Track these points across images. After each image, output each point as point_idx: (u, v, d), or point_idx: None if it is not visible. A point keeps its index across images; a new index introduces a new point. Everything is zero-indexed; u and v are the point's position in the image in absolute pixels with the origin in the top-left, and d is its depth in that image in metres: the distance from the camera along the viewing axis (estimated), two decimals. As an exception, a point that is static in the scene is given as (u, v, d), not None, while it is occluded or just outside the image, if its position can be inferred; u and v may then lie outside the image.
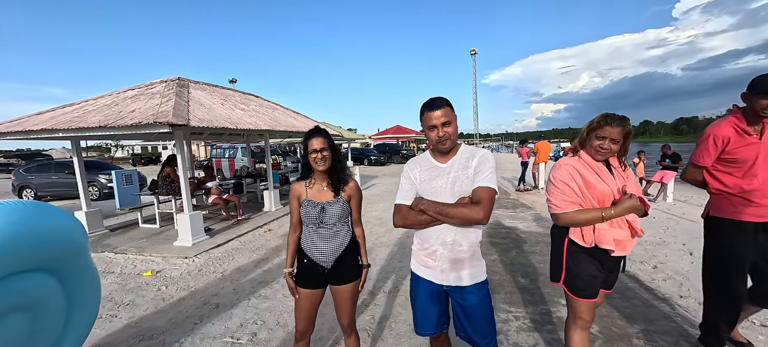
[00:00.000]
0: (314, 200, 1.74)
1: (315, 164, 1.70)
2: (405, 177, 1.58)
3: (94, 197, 10.82)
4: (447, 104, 1.44)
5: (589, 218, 1.63)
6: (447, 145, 1.45)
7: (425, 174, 1.53)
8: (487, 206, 1.36)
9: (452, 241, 1.45)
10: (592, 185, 1.66)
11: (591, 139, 1.71)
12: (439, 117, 1.41)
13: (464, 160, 1.48)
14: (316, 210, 1.71)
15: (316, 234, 1.74)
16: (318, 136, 1.71)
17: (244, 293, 3.44)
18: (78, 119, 4.52)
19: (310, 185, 1.78)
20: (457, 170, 1.47)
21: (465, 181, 1.44)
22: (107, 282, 3.85)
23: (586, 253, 1.70)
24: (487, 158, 1.46)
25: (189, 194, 5.06)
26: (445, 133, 1.43)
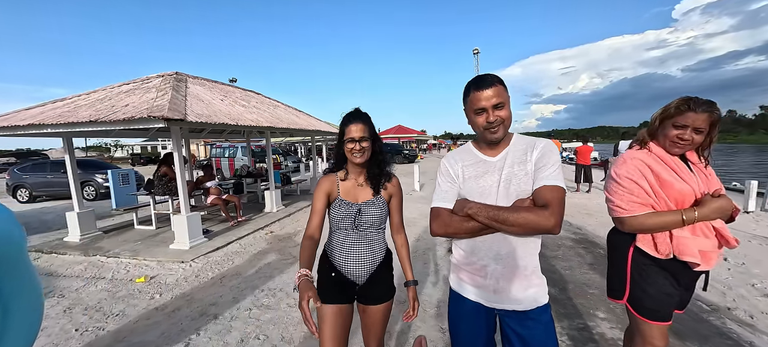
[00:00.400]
0: (349, 199, 1.45)
1: (351, 155, 1.40)
2: (444, 174, 1.29)
3: (91, 197, 10.54)
4: (499, 81, 1.14)
5: (665, 223, 1.34)
6: (499, 133, 1.15)
7: (470, 170, 1.23)
8: (558, 210, 1.07)
9: (508, 254, 1.16)
10: (667, 184, 1.37)
11: (666, 128, 1.40)
12: (490, 97, 1.11)
13: (520, 152, 1.19)
14: (353, 212, 1.42)
15: (348, 241, 1.44)
16: (357, 121, 1.39)
17: (244, 302, 3.15)
18: (68, 114, 4.24)
19: (344, 178, 1.47)
20: (511, 166, 1.17)
21: (523, 179, 1.15)
22: (96, 289, 3.56)
23: (658, 266, 1.41)
24: (551, 150, 1.17)
25: (186, 194, 4.78)
26: (497, 117, 1.12)
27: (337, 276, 1.45)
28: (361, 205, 1.45)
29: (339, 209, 1.44)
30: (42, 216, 8.10)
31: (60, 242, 5.28)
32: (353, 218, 1.43)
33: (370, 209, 1.45)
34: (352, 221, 1.43)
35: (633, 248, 1.45)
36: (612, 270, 1.58)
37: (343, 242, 1.45)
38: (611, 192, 1.46)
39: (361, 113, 1.44)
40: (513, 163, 1.17)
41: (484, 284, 1.20)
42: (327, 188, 1.46)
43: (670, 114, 1.39)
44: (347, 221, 1.43)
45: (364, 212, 1.44)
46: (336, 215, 1.44)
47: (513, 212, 1.09)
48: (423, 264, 3.92)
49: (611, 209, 1.47)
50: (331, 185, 1.47)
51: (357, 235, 1.45)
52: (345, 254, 1.44)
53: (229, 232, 5.57)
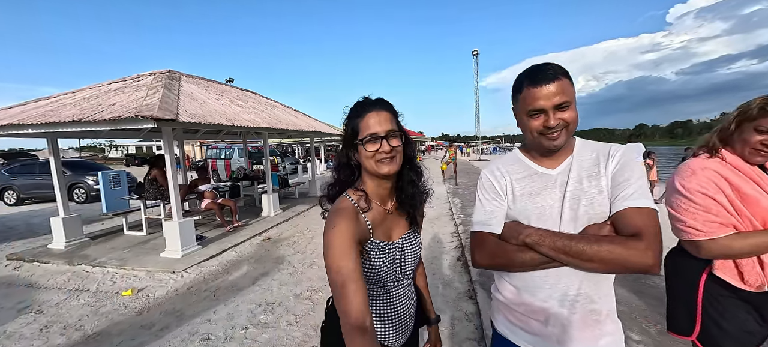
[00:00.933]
0: (382, 238, 0.94)
1: (376, 164, 0.88)
2: (487, 190, 1.02)
3: (81, 200, 10.20)
4: (564, 73, 0.87)
5: (757, 245, 1.10)
6: (560, 140, 0.88)
7: (523, 185, 0.98)
8: (656, 241, 0.79)
9: (577, 294, 0.89)
10: (751, 199, 1.13)
11: (745, 132, 1.17)
12: (552, 96, 0.84)
13: (590, 162, 0.93)
14: (393, 257, 0.94)
15: (387, 299, 0.98)
16: (378, 109, 0.89)
17: (240, 319, 2.89)
18: (50, 114, 3.96)
19: (368, 207, 0.92)
20: (578, 180, 0.91)
21: (596, 197, 0.88)
22: (78, 303, 3.28)
23: (738, 298, 1.17)
24: (634, 160, 0.90)
25: (179, 198, 4.50)
26: (560, 121, 0.86)
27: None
28: (400, 242, 0.97)
29: (380, 256, 0.92)
30: (29, 220, 7.78)
31: (44, 250, 4.98)
32: (395, 267, 0.95)
33: (411, 246, 0.99)
34: (397, 270, 0.96)
35: (706, 275, 1.21)
36: (675, 301, 1.34)
37: (382, 303, 0.98)
38: (679, 210, 1.21)
39: (381, 99, 0.94)
40: (580, 177, 0.91)
41: (545, 332, 0.93)
42: (355, 231, 0.84)
43: (752, 116, 1.16)
44: (389, 274, 0.94)
45: (406, 253, 0.97)
46: (378, 265, 0.92)
47: (592, 243, 0.82)
48: (431, 276, 3.68)
49: (681, 231, 1.22)
50: (357, 224, 0.86)
51: (400, 285, 0.99)
52: (390, 315, 0.98)
53: (225, 238, 5.28)
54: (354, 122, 0.91)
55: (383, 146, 0.87)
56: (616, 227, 0.85)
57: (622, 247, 0.80)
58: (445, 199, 8.56)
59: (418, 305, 1.14)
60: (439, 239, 5.08)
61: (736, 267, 1.15)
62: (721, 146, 1.25)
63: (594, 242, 0.82)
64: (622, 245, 0.80)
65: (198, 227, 5.91)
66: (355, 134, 0.90)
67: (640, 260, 0.78)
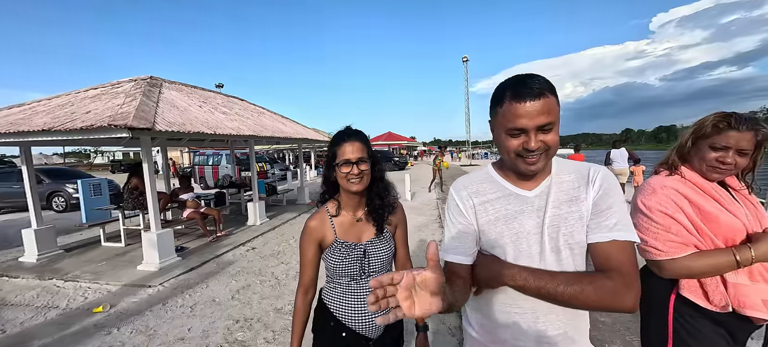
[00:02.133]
0: (349, 239, 1.18)
1: (347, 182, 1.13)
2: (453, 212, 0.93)
3: (61, 209, 9.87)
4: (550, 90, 0.77)
5: (715, 265, 1.08)
6: (538, 165, 0.80)
7: (494, 208, 0.88)
8: (637, 280, 0.74)
9: (560, 335, 0.83)
10: (711, 217, 1.11)
11: (702, 149, 1.17)
12: (535, 115, 0.75)
13: (569, 185, 0.85)
14: (357, 256, 1.17)
15: (355, 289, 1.18)
16: (352, 140, 1.13)
17: (216, 336, 2.77)
18: (21, 122, 3.80)
19: (337, 214, 1.20)
20: (557, 205, 0.83)
21: (576, 224, 0.81)
22: (46, 321, 3.12)
23: (707, 318, 1.15)
24: (615, 185, 0.83)
25: (157, 208, 4.36)
26: (541, 144, 0.78)
27: (348, 335, 1.18)
28: (365, 245, 1.19)
29: (339, 254, 1.16)
30: (4, 230, 7.49)
31: (14, 263, 4.76)
32: (359, 264, 1.17)
33: (377, 248, 1.20)
34: (359, 267, 1.17)
35: (675, 295, 1.19)
36: (647, 321, 1.31)
37: (348, 294, 1.18)
38: (641, 229, 1.18)
39: (356, 131, 1.18)
40: (559, 201, 0.84)
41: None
42: (317, 232, 1.18)
43: (707, 133, 1.15)
44: (354, 269, 1.17)
45: (370, 254, 1.18)
46: (336, 261, 1.16)
47: (576, 284, 0.74)
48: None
49: (644, 251, 1.19)
50: (321, 226, 1.18)
51: (367, 282, 1.18)
52: (356, 305, 1.17)
53: (207, 249, 5.14)
54: (333, 148, 1.15)
55: (353, 170, 1.11)
56: (597, 259, 0.79)
57: (606, 291, 0.74)
58: (433, 206, 8.53)
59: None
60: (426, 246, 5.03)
61: (701, 287, 1.13)
62: (680, 163, 1.23)
63: (577, 282, 0.75)
64: (608, 289, 0.74)
65: (180, 238, 5.76)
66: (334, 158, 1.14)
67: (623, 303, 0.73)
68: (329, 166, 1.16)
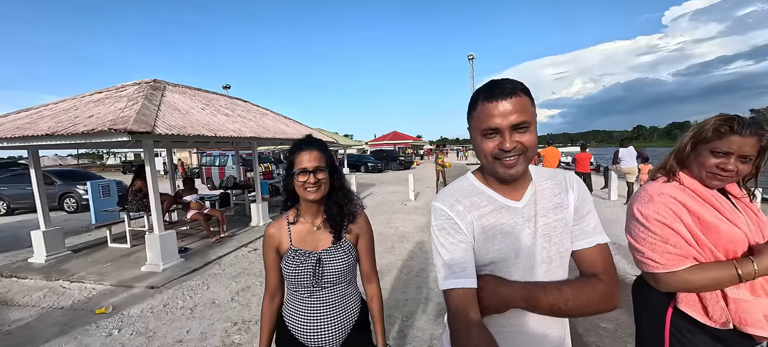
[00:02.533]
0: (304, 247, 1.16)
1: (304, 191, 1.12)
2: (450, 230, 0.82)
3: (72, 210, 10.10)
4: (523, 90, 0.76)
5: (715, 279, 1.02)
6: (517, 168, 0.77)
7: (493, 222, 0.82)
8: (618, 280, 0.79)
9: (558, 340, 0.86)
10: (712, 227, 1.05)
11: (701, 155, 1.09)
12: (507, 113, 0.73)
13: (551, 192, 0.85)
14: (310, 264, 1.14)
15: (312, 302, 1.16)
16: (309, 149, 1.13)
17: (213, 339, 2.79)
18: (26, 127, 3.88)
19: (294, 221, 1.19)
20: (544, 213, 0.82)
21: (563, 231, 0.82)
22: (50, 322, 3.18)
23: (706, 333, 1.09)
24: (586, 190, 0.88)
25: (160, 210, 4.41)
26: (517, 144, 0.75)
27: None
28: (320, 253, 1.16)
29: (293, 262, 1.15)
30: (17, 231, 7.67)
31: (24, 264, 4.88)
32: (313, 272, 1.14)
33: (332, 257, 1.16)
34: (312, 276, 1.14)
35: (672, 309, 1.13)
36: (642, 334, 1.25)
37: (305, 305, 1.16)
38: (638, 239, 1.12)
39: (315, 139, 1.17)
40: (547, 208, 0.83)
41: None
42: (275, 239, 1.18)
43: (707, 138, 1.08)
44: (306, 277, 1.14)
45: (325, 263, 1.15)
46: (290, 269, 1.15)
47: (583, 294, 0.76)
48: (416, 289, 3.58)
49: (640, 262, 1.13)
50: (279, 233, 1.18)
51: (321, 292, 1.16)
52: (309, 320, 1.15)
53: (210, 251, 5.18)
54: (291, 157, 1.14)
55: (309, 179, 1.10)
56: (583, 264, 0.82)
57: (598, 294, 0.77)
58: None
59: (364, 320, 1.26)
60: (426, 248, 4.98)
61: (700, 301, 1.07)
62: (678, 168, 1.17)
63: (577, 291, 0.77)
64: (597, 292, 0.77)
65: (184, 239, 5.83)
66: (291, 166, 1.13)
67: (611, 304, 0.78)
68: (288, 174, 1.15)
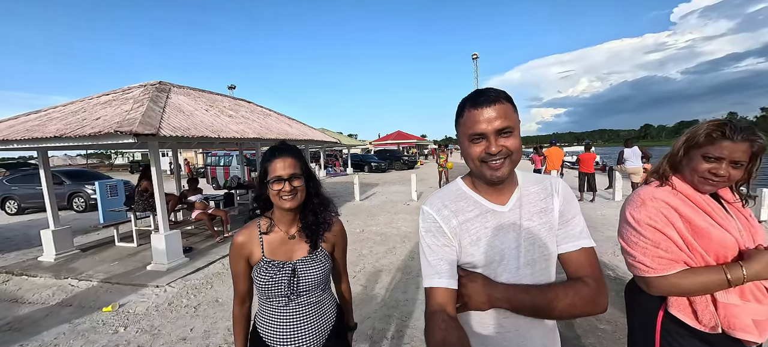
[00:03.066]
0: (277, 258, 1.12)
1: (279, 199, 1.08)
2: (434, 232, 0.86)
3: (81, 209, 10.30)
4: (506, 98, 0.81)
5: (705, 284, 1.03)
6: (502, 171, 0.80)
7: (478, 226, 0.86)
8: (604, 282, 0.82)
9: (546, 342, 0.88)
10: (702, 232, 1.06)
11: (694, 160, 1.10)
12: (492, 119, 0.77)
13: (537, 197, 0.88)
14: (285, 275, 1.09)
15: (287, 313, 1.11)
16: (284, 156, 1.09)
17: (216, 337, 2.84)
18: (36, 129, 3.98)
19: (267, 231, 1.14)
20: (529, 217, 0.85)
21: (547, 235, 0.84)
22: (59, 319, 3.26)
23: (696, 338, 1.09)
24: (572, 194, 0.91)
25: (165, 210, 4.49)
26: (502, 148, 0.79)
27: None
28: (295, 263, 1.12)
29: (265, 273, 1.09)
30: (27, 230, 7.85)
31: (34, 263, 5.00)
32: (288, 283, 1.10)
33: (308, 267, 1.13)
34: (287, 287, 1.10)
35: (663, 313, 1.14)
36: (634, 337, 1.26)
37: (280, 313, 1.12)
38: (630, 243, 1.13)
39: (289, 146, 1.14)
40: (531, 213, 0.86)
41: None
42: (245, 249, 1.12)
43: (699, 143, 1.08)
44: (281, 288, 1.10)
45: (300, 273, 1.12)
46: (262, 281, 1.09)
47: (567, 297, 0.79)
48: (416, 289, 3.61)
49: (632, 266, 1.15)
50: (249, 243, 1.13)
51: (297, 303, 1.13)
52: (285, 330, 1.11)
53: (213, 250, 5.26)
54: (264, 165, 1.11)
55: (285, 187, 1.07)
56: (569, 267, 0.84)
57: (584, 297, 0.79)
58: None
59: (340, 326, 1.26)
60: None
61: (690, 306, 1.08)
62: (671, 173, 1.18)
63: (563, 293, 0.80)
64: (586, 295, 0.79)
65: (188, 238, 5.92)
66: (265, 174, 1.09)
67: (600, 306, 0.81)
68: (261, 182, 1.11)
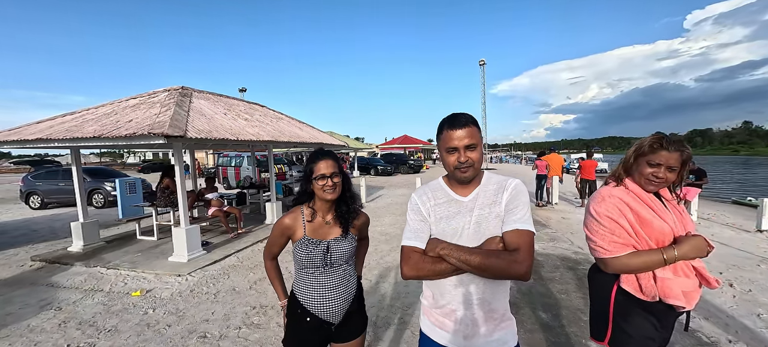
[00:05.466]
0: (316, 237, 1.43)
1: (322, 192, 1.40)
2: (414, 211, 1.25)
3: (100, 205, 10.78)
4: (473, 122, 1.15)
5: (646, 263, 1.32)
6: (468, 173, 1.15)
7: (442, 210, 1.21)
8: (529, 255, 1.07)
9: (480, 299, 1.15)
10: (647, 222, 1.35)
11: (640, 165, 1.41)
12: (463, 138, 1.12)
13: (491, 193, 1.18)
14: (321, 250, 1.41)
15: (321, 280, 1.42)
16: (327, 158, 1.41)
17: (235, 319, 3.16)
18: (74, 129, 4.37)
19: (311, 218, 1.45)
20: (482, 207, 1.16)
21: (493, 221, 1.14)
22: (93, 301, 3.62)
23: (640, 307, 1.37)
24: (521, 192, 1.17)
25: (186, 206, 4.85)
26: (467, 158, 1.12)
27: (312, 321, 1.41)
28: (329, 242, 1.43)
29: (306, 248, 1.40)
30: (52, 223, 8.31)
31: (64, 252, 5.40)
32: (323, 256, 1.41)
33: (339, 245, 1.44)
34: (322, 259, 1.41)
35: (616, 288, 1.42)
36: (594, 310, 1.54)
37: (313, 282, 1.42)
38: (592, 231, 1.43)
39: (329, 151, 1.47)
40: (484, 204, 1.17)
41: (454, 328, 1.18)
42: (288, 229, 1.45)
43: (644, 152, 1.40)
44: (318, 260, 1.41)
45: (333, 249, 1.42)
46: (304, 254, 1.40)
47: (484, 257, 1.07)
48: (417, 283, 3.88)
49: (592, 249, 1.44)
50: (294, 224, 1.45)
51: (331, 272, 1.43)
52: (319, 294, 1.41)
53: (229, 244, 5.61)
54: (310, 166, 1.42)
55: (328, 182, 1.39)
56: (505, 242, 1.12)
57: (504, 261, 1.06)
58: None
59: (360, 293, 1.55)
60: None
61: (636, 280, 1.36)
62: (625, 175, 1.47)
63: (486, 256, 1.08)
64: (504, 259, 1.06)
65: (205, 234, 6.28)
66: (312, 173, 1.41)
67: (516, 270, 1.05)
68: (307, 179, 1.42)
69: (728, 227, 6.74)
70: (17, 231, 7.41)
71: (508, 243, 1.10)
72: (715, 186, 18.59)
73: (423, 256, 1.18)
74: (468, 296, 1.15)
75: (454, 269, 1.12)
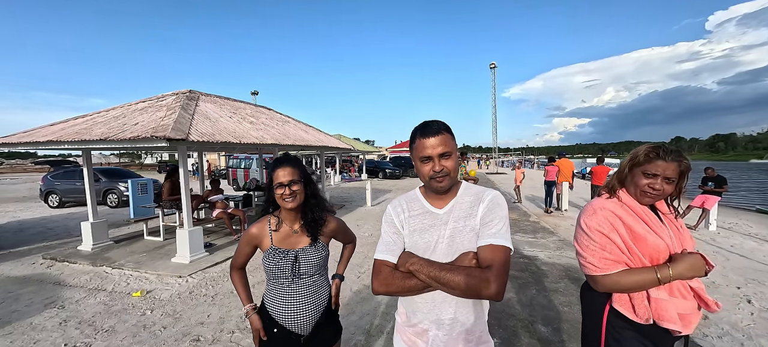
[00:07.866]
0: (283, 246, 1.38)
1: (282, 201, 1.35)
2: (387, 223, 1.19)
3: (114, 205, 11.09)
4: (446, 129, 1.09)
5: (639, 282, 1.21)
6: (444, 183, 1.09)
7: (415, 222, 1.14)
8: (502, 274, 0.98)
9: (452, 319, 1.07)
10: (640, 238, 1.25)
11: (635, 176, 1.31)
12: (436, 146, 1.06)
13: (467, 205, 1.12)
14: (288, 261, 1.36)
15: (289, 292, 1.36)
16: (285, 165, 1.36)
17: (230, 323, 3.15)
18: (83, 132, 4.50)
19: (276, 227, 1.41)
20: (457, 220, 1.10)
21: (468, 235, 1.07)
22: (95, 301, 3.68)
23: (634, 330, 1.27)
24: (499, 204, 1.10)
25: (189, 208, 4.91)
26: (442, 167, 1.07)
27: (279, 332, 1.37)
28: (297, 251, 1.38)
29: (273, 259, 1.36)
30: (67, 222, 8.58)
31: (74, 251, 5.55)
32: (291, 267, 1.36)
33: (308, 255, 1.39)
34: (290, 270, 1.36)
35: (608, 307, 1.32)
36: (586, 328, 1.44)
37: (283, 294, 1.37)
38: (582, 246, 1.33)
39: (290, 157, 1.41)
40: (459, 216, 1.10)
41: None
42: (256, 239, 1.41)
43: (639, 162, 1.31)
44: (285, 271, 1.36)
45: (301, 259, 1.38)
46: (271, 265, 1.36)
47: (454, 274, 1.00)
48: (415, 291, 3.80)
49: (582, 266, 1.34)
50: (260, 234, 1.41)
51: (298, 284, 1.38)
52: (287, 306, 1.36)
53: (231, 246, 5.65)
54: (270, 173, 1.38)
55: (286, 191, 1.34)
56: (479, 258, 1.04)
57: (474, 279, 0.98)
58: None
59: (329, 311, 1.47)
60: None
61: (630, 301, 1.26)
62: (619, 187, 1.37)
63: (456, 272, 1.01)
64: (475, 277, 0.99)
65: (209, 235, 6.36)
66: (271, 181, 1.37)
67: (485, 290, 0.97)
68: (269, 187, 1.38)
69: (751, 237, 6.38)
70: (34, 229, 7.68)
71: (481, 259, 1.03)
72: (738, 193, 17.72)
73: (393, 271, 1.12)
74: (440, 315, 1.08)
75: (425, 285, 1.06)
